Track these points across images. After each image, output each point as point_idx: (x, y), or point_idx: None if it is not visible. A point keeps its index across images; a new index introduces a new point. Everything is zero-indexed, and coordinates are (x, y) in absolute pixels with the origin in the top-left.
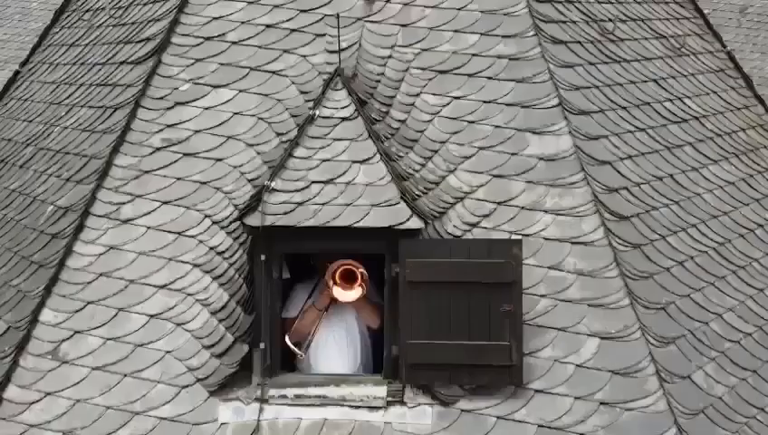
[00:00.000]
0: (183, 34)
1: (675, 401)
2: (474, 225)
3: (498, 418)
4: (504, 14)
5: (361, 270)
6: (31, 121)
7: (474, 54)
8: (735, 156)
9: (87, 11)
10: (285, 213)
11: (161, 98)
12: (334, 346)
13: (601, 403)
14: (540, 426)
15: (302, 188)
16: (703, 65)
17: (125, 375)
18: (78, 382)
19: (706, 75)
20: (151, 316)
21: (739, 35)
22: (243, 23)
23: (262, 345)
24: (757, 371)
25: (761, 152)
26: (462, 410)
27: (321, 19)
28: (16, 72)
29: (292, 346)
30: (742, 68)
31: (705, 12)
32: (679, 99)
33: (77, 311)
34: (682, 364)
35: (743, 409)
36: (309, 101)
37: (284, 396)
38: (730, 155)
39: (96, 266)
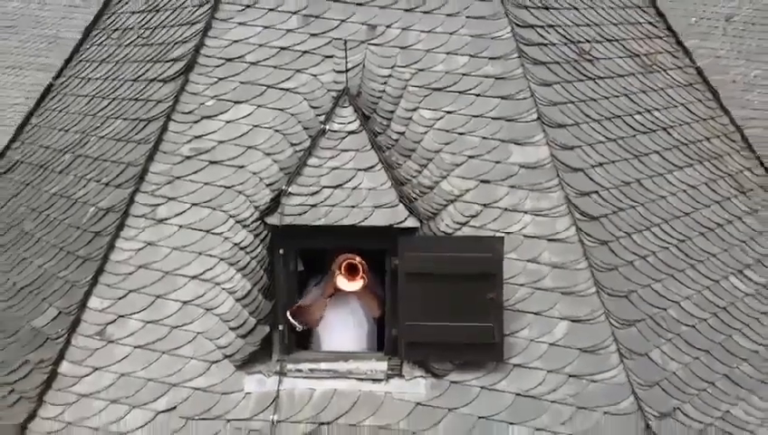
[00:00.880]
0: (207, 56)
1: (633, 375)
2: (463, 224)
3: (482, 388)
4: (491, 39)
5: (363, 264)
6: (67, 131)
7: (464, 74)
8: (699, 162)
9: (115, 30)
10: (300, 214)
11: (189, 112)
12: (343, 328)
13: (570, 376)
14: (517, 395)
15: (315, 192)
16: (672, 80)
17: (163, 353)
18: (122, 359)
19: (675, 89)
20: (184, 302)
21: (725, 42)
22: (260, 45)
23: (280, 327)
24: (710, 351)
25: (724, 159)
26: (451, 382)
27: (329, 42)
28: (50, 85)
29: (292, 320)
30: (709, 81)
31: (692, 20)
32: (648, 111)
33: (120, 298)
34: (641, 344)
35: (694, 383)
36: (319, 115)
37: (300, 370)
38: (694, 162)
39: (135, 260)
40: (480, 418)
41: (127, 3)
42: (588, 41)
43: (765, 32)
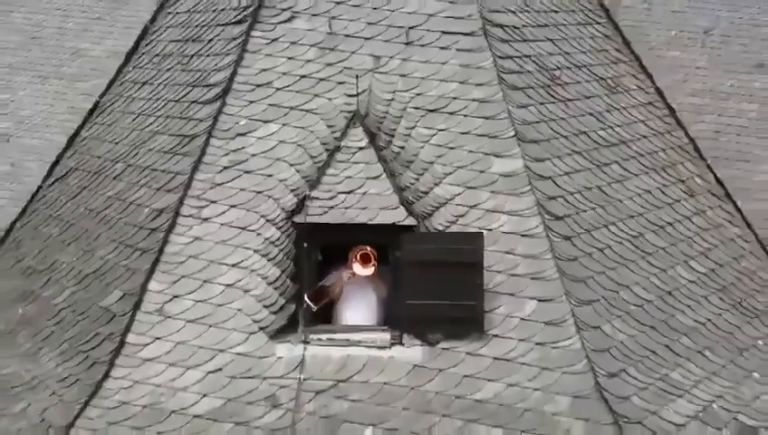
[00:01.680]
0: (240, 82)
1: (587, 343)
2: (452, 222)
3: (467, 353)
4: (476, 68)
5: (374, 253)
6: (117, 143)
7: (454, 98)
8: (654, 171)
9: (156, 55)
10: (321, 214)
11: (226, 130)
12: (356, 306)
13: (537, 343)
14: (495, 358)
15: (332, 197)
16: (634, 100)
17: (210, 326)
18: (178, 331)
19: (637, 108)
20: (227, 286)
21: (703, 54)
22: (284, 73)
23: (304, 305)
24: (654, 326)
25: (676, 167)
26: (442, 349)
27: (341, 71)
28: (97, 102)
29: (307, 300)
30: (666, 99)
31: (672, 33)
32: (611, 127)
33: (174, 282)
34: (594, 319)
35: (639, 351)
36: (334, 132)
37: (320, 339)
38: (649, 170)
39: (186, 251)
40: (465, 376)
41: (165, 31)
42: (559, 68)
43: (741, 44)
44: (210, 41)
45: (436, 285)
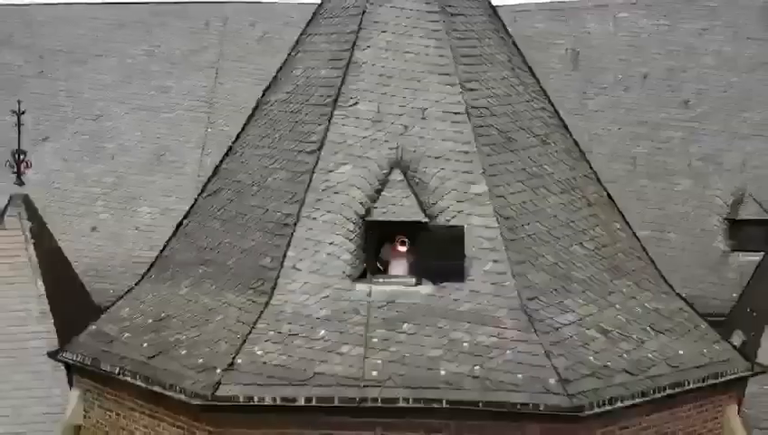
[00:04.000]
0: (329, 140)
1: (517, 282)
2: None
3: (455, 289)
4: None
5: (407, 240)
6: (251, 174)
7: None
8: (567, 191)
9: (270, 120)
10: (379, 216)
11: (322, 169)
12: (397, 266)
13: (491, 283)
14: (470, 291)
15: (384, 207)
16: (558, 146)
17: (323, 275)
18: (301, 285)
19: (560, 153)
20: (327, 254)
21: (639, 97)
22: (353, 135)
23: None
24: (559, 277)
25: (583, 188)
26: (441, 286)
27: (385, 135)
28: (230, 148)
29: (378, 265)
30: (576, 141)
31: (619, 78)
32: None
33: (303, 249)
34: (526, 270)
35: (548, 286)
36: (383, 170)
37: (379, 280)
38: (566, 191)
39: (306, 235)
40: (454, 300)
41: (273, 104)
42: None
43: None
44: (307, 114)
45: (442, 251)
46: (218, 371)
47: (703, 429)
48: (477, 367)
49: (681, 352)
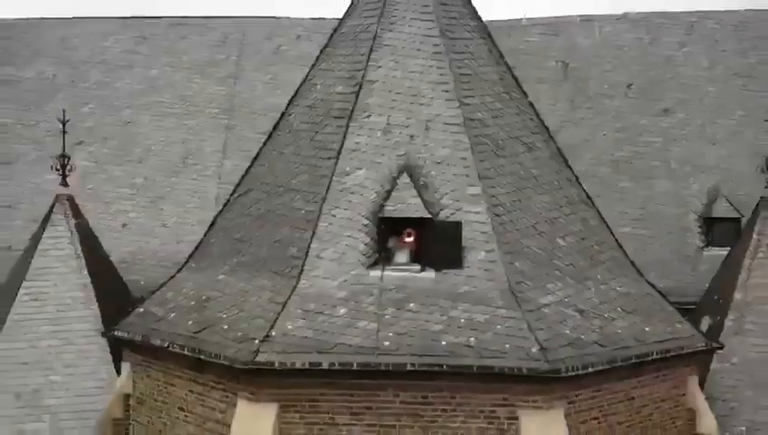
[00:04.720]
0: (345, 148)
1: (508, 263)
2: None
3: (454, 275)
4: None
5: (414, 231)
6: (277, 177)
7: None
8: (552, 192)
9: (291, 130)
10: (389, 212)
11: (339, 172)
12: (404, 256)
13: (485, 270)
14: (467, 276)
15: (394, 205)
16: (543, 153)
17: (340, 262)
18: (322, 277)
19: (552, 159)
20: (346, 245)
21: (623, 105)
22: (366, 144)
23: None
24: (542, 263)
25: (565, 190)
26: (443, 274)
27: (394, 143)
28: (259, 151)
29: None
30: (560, 149)
31: (605, 87)
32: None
33: (321, 244)
34: (515, 258)
35: (534, 272)
36: (392, 174)
37: (389, 268)
38: (549, 191)
39: (327, 229)
40: (452, 284)
41: (293, 115)
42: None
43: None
44: (326, 125)
45: (442, 242)
46: (256, 341)
47: (667, 396)
48: (472, 338)
49: (647, 329)
